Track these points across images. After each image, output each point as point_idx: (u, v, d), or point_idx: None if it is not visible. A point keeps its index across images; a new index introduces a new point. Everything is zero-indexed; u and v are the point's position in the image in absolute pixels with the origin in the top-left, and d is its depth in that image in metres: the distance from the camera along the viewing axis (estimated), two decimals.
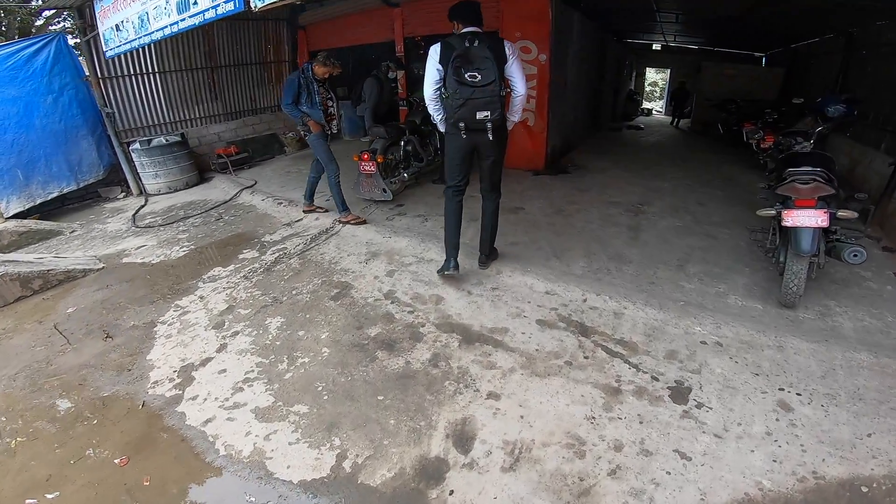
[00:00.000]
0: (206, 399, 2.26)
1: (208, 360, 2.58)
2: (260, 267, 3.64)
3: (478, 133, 2.77)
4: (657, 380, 2.28)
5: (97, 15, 4.54)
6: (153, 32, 3.75)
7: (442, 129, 2.98)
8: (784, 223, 2.60)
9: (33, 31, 9.21)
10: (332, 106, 4.26)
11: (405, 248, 3.78)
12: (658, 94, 20.78)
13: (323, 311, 2.98)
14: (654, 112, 16.54)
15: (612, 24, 9.00)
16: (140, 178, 6.08)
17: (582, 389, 2.23)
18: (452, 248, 3.13)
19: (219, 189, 6.07)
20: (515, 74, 2.78)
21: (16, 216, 5.31)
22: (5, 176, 5.23)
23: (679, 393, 2.18)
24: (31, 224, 4.98)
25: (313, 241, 4.05)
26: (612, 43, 10.41)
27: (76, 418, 2.18)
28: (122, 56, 5.78)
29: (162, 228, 4.76)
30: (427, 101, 2.87)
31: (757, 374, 2.28)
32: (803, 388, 2.17)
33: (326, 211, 4.68)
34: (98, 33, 4.76)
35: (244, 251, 3.99)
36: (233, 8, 2.87)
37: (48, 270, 3.75)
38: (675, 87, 12.06)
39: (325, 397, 2.25)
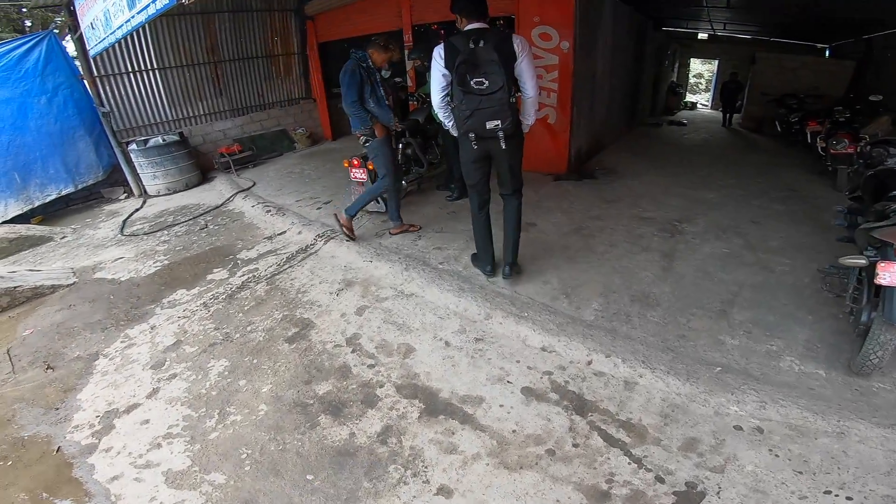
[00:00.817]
0: (119, 452, 2.03)
1: (135, 406, 2.31)
2: (224, 293, 3.27)
3: (490, 140, 2.58)
4: (662, 481, 1.75)
5: (77, 12, 4.31)
6: (115, 30, 3.47)
7: (454, 133, 2.79)
8: (879, 280, 1.89)
9: (53, 26, 9.28)
10: (389, 100, 3.48)
11: (385, 276, 3.28)
12: (703, 87, 19.15)
13: (273, 356, 2.57)
14: (698, 106, 15.25)
15: (651, 8, 8.05)
16: (140, 180, 5.90)
17: (559, 491, 1.72)
18: (486, 255, 3.10)
19: (216, 191, 5.79)
20: (525, 74, 2.53)
21: (15, 219, 5.26)
22: (2, 179, 5.17)
23: (687, 500, 1.67)
24: (23, 230, 4.87)
25: (288, 262, 3.64)
26: (653, 31, 9.42)
27: None
28: (118, 53, 5.58)
29: (145, 238, 4.51)
30: (436, 109, 2.72)
31: (800, 473, 1.75)
32: (858, 489, 1.67)
33: (419, 228, 3.99)
34: (81, 31, 4.52)
35: (215, 270, 3.65)
36: (167, 1, 2.51)
37: (16, 287, 3.56)
38: (725, 78, 10.81)
39: (248, 468, 1.91)
